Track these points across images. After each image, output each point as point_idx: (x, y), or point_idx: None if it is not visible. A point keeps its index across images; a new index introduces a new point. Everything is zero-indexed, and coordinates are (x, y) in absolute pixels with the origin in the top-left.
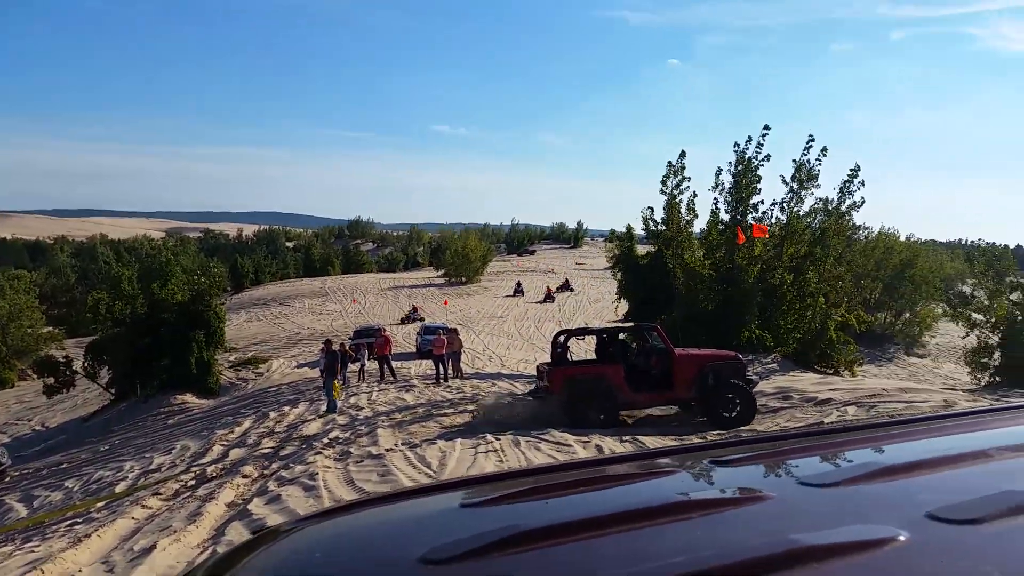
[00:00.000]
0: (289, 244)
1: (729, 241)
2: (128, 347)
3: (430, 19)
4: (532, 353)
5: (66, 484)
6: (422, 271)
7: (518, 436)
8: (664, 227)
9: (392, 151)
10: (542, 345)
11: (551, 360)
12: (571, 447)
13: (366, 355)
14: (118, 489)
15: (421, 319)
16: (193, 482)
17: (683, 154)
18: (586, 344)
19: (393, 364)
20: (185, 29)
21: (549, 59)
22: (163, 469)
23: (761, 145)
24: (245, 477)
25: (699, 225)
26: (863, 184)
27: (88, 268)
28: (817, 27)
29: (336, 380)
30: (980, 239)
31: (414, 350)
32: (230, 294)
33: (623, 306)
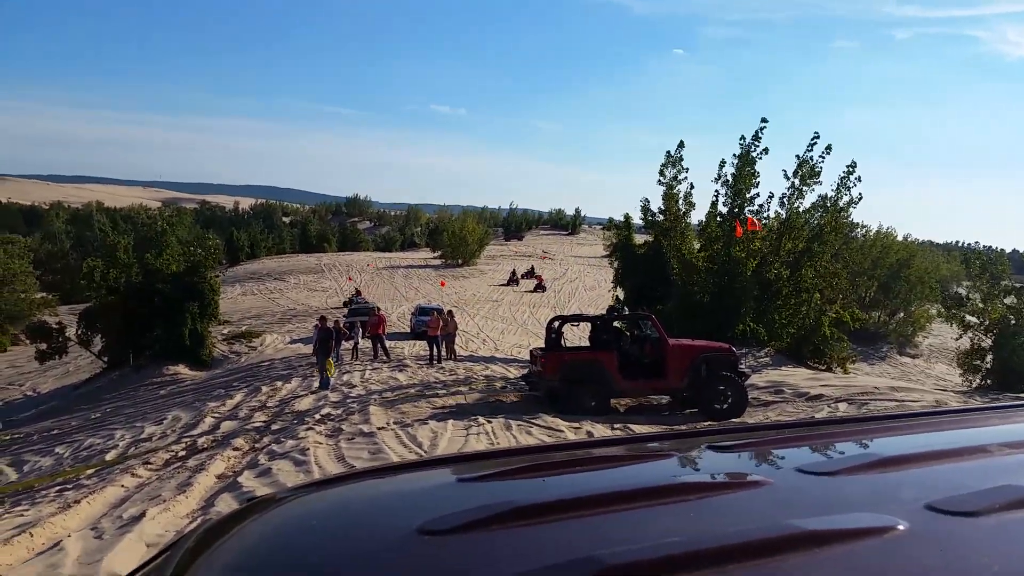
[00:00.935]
0: (286, 219)
1: (727, 234)
2: (122, 316)
3: None
4: (526, 338)
5: (56, 450)
6: (419, 252)
7: (509, 420)
8: (662, 217)
9: (391, 130)
10: (536, 331)
11: (545, 345)
12: (562, 432)
13: (360, 333)
14: (108, 457)
15: (366, 303)
16: (183, 453)
17: (681, 144)
18: (580, 331)
19: (387, 344)
20: None
21: (552, 45)
22: (154, 439)
23: (759, 138)
24: (236, 450)
25: (697, 216)
26: (860, 180)
27: (83, 235)
28: (820, 23)
29: (330, 357)
30: (977, 242)
31: (409, 330)
32: (225, 267)
33: (620, 294)
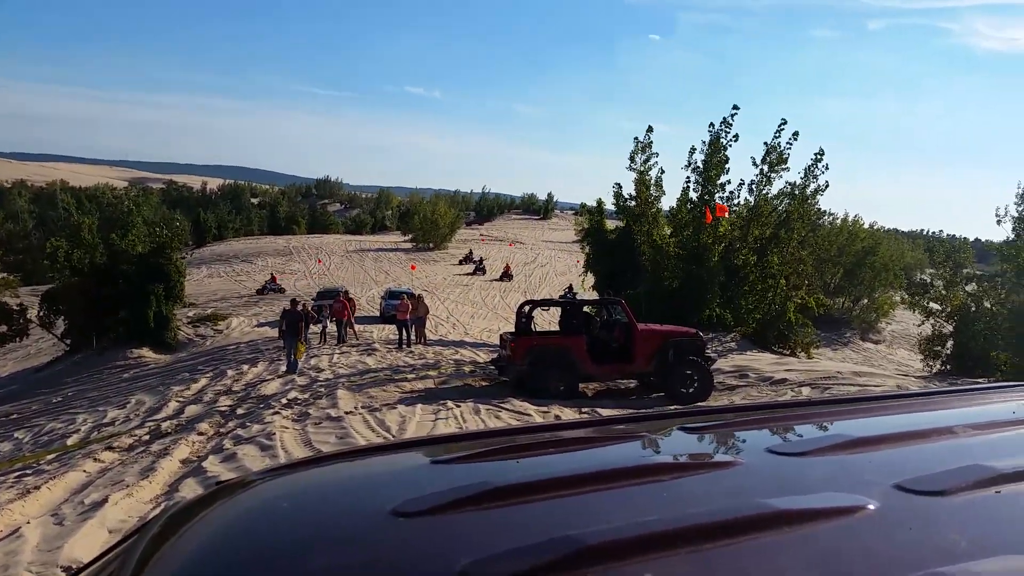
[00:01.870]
0: (254, 200)
1: (697, 220)
2: (85, 297)
3: None
4: (496, 323)
5: (15, 435)
6: (389, 235)
7: (478, 404)
8: (633, 203)
9: (365, 111)
10: (506, 315)
11: (515, 330)
12: (530, 416)
13: (328, 317)
14: (70, 442)
15: (280, 289)
16: (147, 437)
17: (650, 129)
18: (550, 316)
19: (356, 327)
20: None
21: (528, 26)
22: (117, 423)
23: (730, 124)
24: (201, 434)
25: (669, 202)
26: (827, 168)
27: (47, 215)
28: (799, 11)
29: (299, 340)
30: (941, 230)
31: (378, 314)
32: (191, 248)
33: (589, 279)
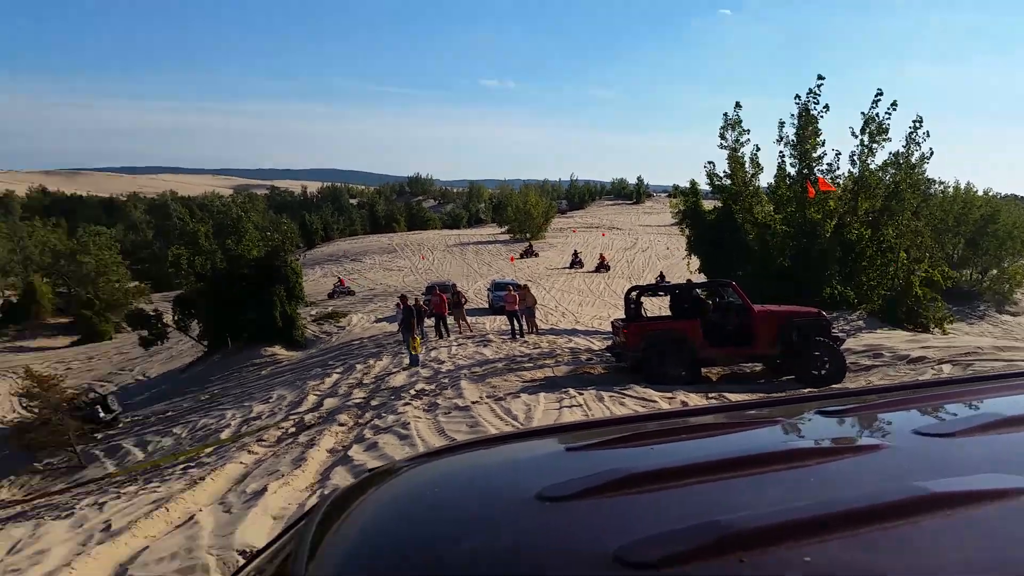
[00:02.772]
0: (353, 201)
1: (799, 195)
2: (213, 301)
3: None
4: (604, 309)
5: (174, 431)
6: (485, 227)
7: (601, 391)
8: (729, 181)
9: (443, 106)
10: (613, 302)
11: (625, 316)
12: (655, 402)
13: (429, 312)
14: (223, 436)
15: (349, 292)
16: (293, 430)
17: (738, 105)
18: (660, 302)
19: (469, 320)
20: None
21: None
22: (263, 417)
23: (818, 96)
24: (341, 425)
25: (765, 179)
26: (928, 135)
27: (163, 224)
28: None
29: (414, 335)
30: None
31: (487, 306)
32: (303, 250)
33: (694, 262)
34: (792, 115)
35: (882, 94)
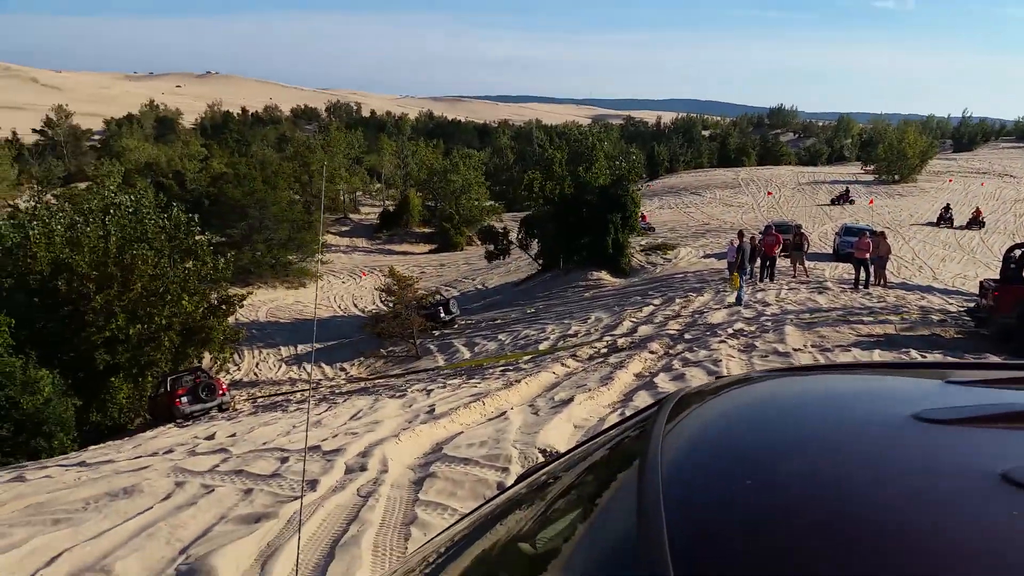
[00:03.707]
0: (705, 133)
1: None
2: (555, 224)
3: None
4: (973, 268)
5: (499, 337)
6: (846, 166)
7: (949, 357)
8: None
9: (820, 30)
10: (987, 260)
11: (1000, 277)
12: None
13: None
14: (542, 347)
15: (651, 228)
16: (605, 350)
17: None
18: None
19: (807, 264)
20: None
21: None
22: (579, 335)
23: None
24: (652, 353)
25: None
26: None
27: (525, 150)
28: None
29: (739, 273)
30: None
31: (831, 251)
32: (646, 181)
33: None
34: None
35: None
